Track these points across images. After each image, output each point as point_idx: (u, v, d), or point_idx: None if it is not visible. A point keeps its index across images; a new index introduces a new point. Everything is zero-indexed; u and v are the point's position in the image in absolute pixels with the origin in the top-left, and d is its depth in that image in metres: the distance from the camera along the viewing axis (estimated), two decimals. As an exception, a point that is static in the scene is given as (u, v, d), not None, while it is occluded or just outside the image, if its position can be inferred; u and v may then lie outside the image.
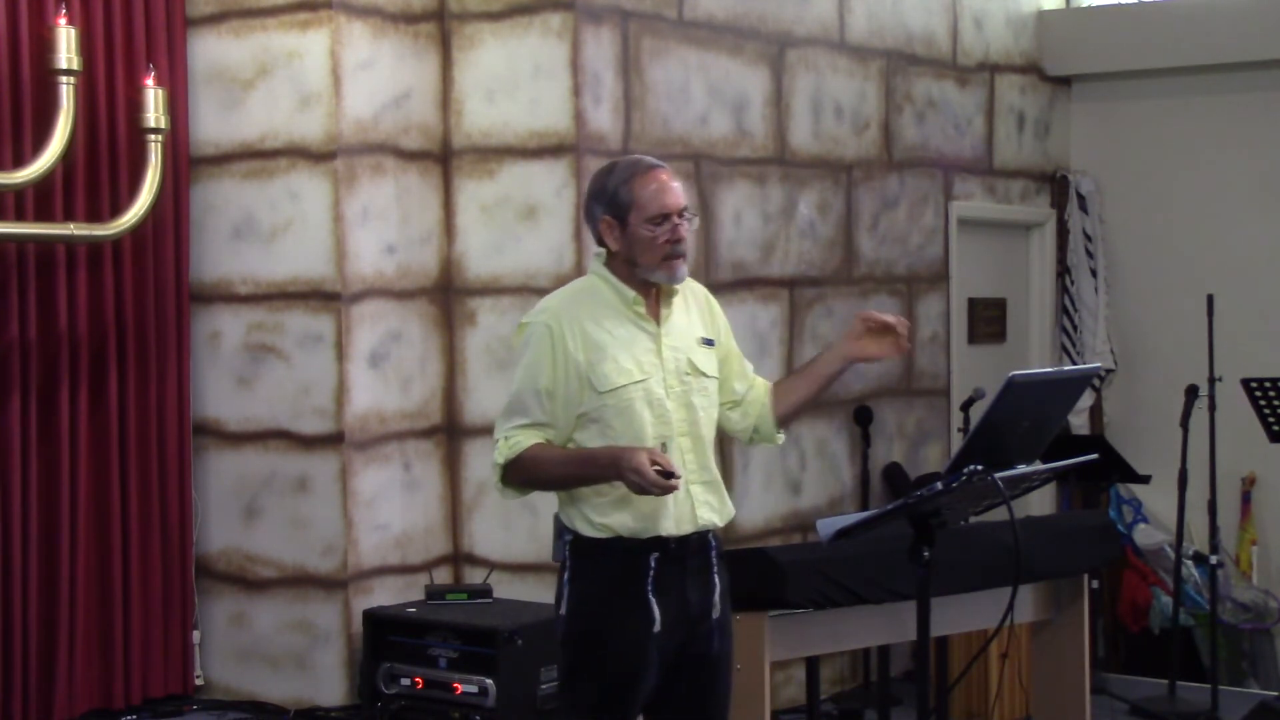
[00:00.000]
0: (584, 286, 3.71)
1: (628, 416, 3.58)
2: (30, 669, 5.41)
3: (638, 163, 3.69)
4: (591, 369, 3.58)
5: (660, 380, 3.63)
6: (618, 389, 3.57)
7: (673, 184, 3.64)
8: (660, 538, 3.60)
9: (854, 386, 6.77)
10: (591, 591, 3.63)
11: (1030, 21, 7.96)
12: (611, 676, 3.62)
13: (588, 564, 3.64)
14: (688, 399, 3.66)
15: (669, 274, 3.63)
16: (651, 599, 3.59)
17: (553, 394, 3.59)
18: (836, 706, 6.42)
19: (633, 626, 3.59)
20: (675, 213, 3.61)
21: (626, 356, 3.60)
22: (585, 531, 3.62)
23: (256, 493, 5.85)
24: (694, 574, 3.66)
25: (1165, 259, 7.96)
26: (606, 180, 3.66)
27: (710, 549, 3.70)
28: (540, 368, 3.59)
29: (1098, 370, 6.87)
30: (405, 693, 5.44)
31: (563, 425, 3.61)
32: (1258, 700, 6.47)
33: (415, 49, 5.84)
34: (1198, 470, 6.40)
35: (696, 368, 3.69)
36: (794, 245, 6.54)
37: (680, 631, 3.63)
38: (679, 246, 3.62)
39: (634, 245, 3.62)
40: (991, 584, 4.61)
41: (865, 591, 4.64)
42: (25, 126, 5.37)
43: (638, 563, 3.59)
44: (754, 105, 6.34)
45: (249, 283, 5.85)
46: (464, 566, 5.96)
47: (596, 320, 3.61)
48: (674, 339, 3.68)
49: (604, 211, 3.64)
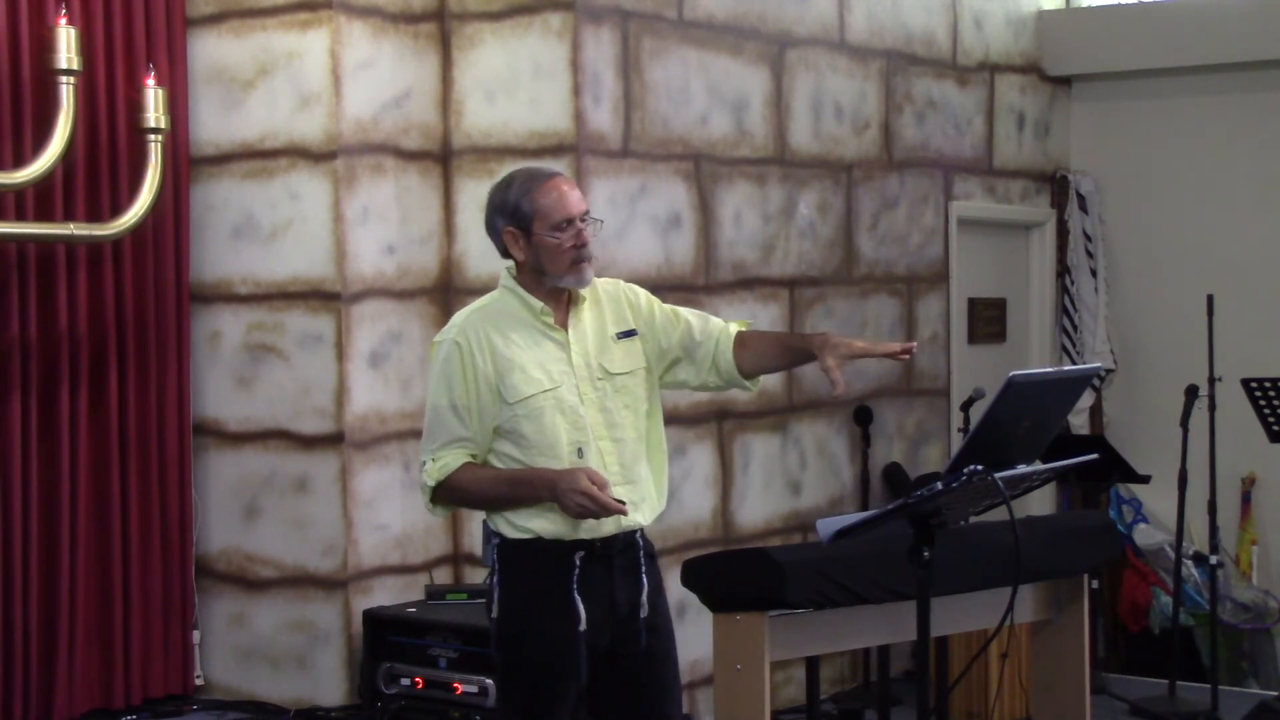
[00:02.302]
0: (492, 300, 3.76)
1: (540, 425, 3.63)
2: (30, 669, 5.41)
3: (536, 173, 3.76)
4: (501, 381, 3.63)
5: (573, 387, 3.67)
6: (527, 399, 3.63)
7: (572, 191, 3.70)
8: (582, 539, 3.65)
9: (854, 386, 6.76)
10: (518, 593, 3.70)
11: (1030, 21, 7.96)
12: (540, 676, 3.68)
13: (514, 566, 3.70)
14: (603, 403, 3.70)
15: (577, 278, 3.69)
16: (576, 598, 3.65)
17: (468, 408, 3.65)
18: (836, 706, 6.42)
19: (559, 626, 3.65)
20: (578, 217, 3.67)
21: (535, 366, 3.65)
22: (510, 534, 3.68)
23: (256, 493, 5.85)
24: (621, 573, 3.71)
25: (1165, 259, 7.96)
26: (506, 193, 3.71)
27: (638, 548, 3.75)
28: (452, 384, 3.65)
29: (1098, 370, 6.84)
30: (405, 693, 5.44)
31: (482, 440, 3.67)
32: (1258, 700, 6.47)
33: (415, 49, 5.84)
34: (1198, 470, 6.40)
35: (608, 371, 3.72)
36: (794, 245, 6.54)
37: (609, 630, 3.69)
38: (584, 250, 3.68)
39: (540, 254, 3.67)
40: (991, 584, 4.61)
41: (865, 591, 4.64)
42: (25, 126, 5.37)
43: (562, 563, 3.65)
44: (754, 105, 6.34)
45: (249, 283, 5.85)
46: (464, 566, 5.96)
47: (504, 333, 3.67)
48: (583, 344, 3.72)
49: (506, 224, 3.69)
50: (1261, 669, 7.58)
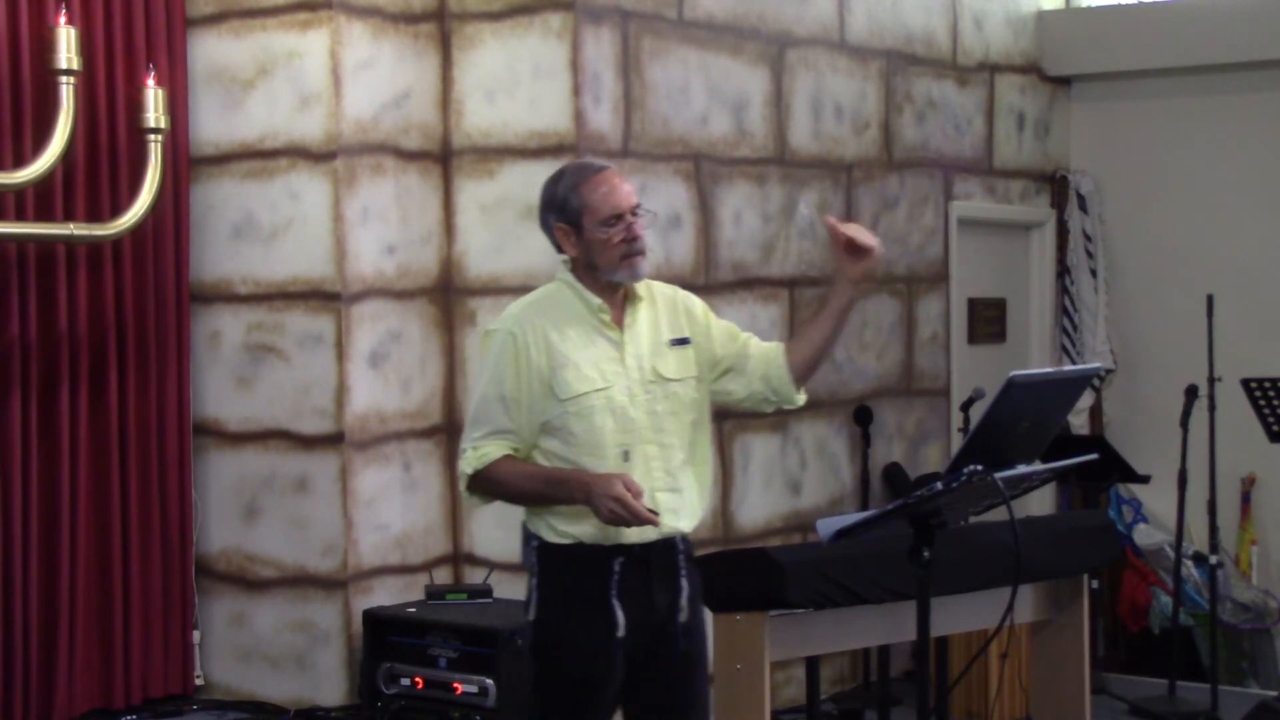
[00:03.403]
0: (549, 293, 3.72)
1: (588, 424, 3.59)
2: (30, 669, 5.41)
3: (585, 167, 3.73)
4: (553, 376, 3.59)
5: (624, 388, 3.63)
6: (578, 396, 3.59)
7: (622, 185, 3.66)
8: (623, 544, 3.61)
9: (854, 386, 6.77)
10: (556, 597, 3.66)
11: (1030, 21, 7.96)
12: (576, 681, 3.65)
13: (553, 570, 3.66)
14: (653, 406, 3.65)
15: (630, 272, 3.65)
16: (615, 603, 3.62)
17: (517, 401, 3.60)
18: (836, 706, 6.42)
19: (596, 631, 3.62)
20: (628, 211, 3.63)
21: (588, 364, 3.61)
22: (549, 538, 3.65)
23: (256, 493, 5.85)
24: (660, 577, 3.67)
25: (1165, 259, 7.96)
26: (555, 188, 3.68)
27: (677, 553, 3.72)
28: (503, 375, 3.61)
29: (1098, 370, 6.86)
30: (405, 693, 5.44)
31: (528, 434, 3.63)
32: (1258, 700, 6.47)
33: (415, 49, 5.84)
34: (1197, 470, 6.40)
35: (661, 375, 3.68)
36: (794, 245, 6.54)
37: (645, 635, 3.65)
38: (636, 244, 3.64)
39: (591, 249, 3.64)
40: (991, 584, 4.61)
41: (865, 591, 4.64)
42: (25, 126, 5.37)
43: (601, 568, 3.61)
44: (754, 105, 6.34)
45: (249, 283, 5.85)
46: (464, 566, 5.96)
47: (559, 327, 3.63)
48: (638, 346, 3.67)
49: (557, 219, 3.67)
50: (1261, 669, 7.58)
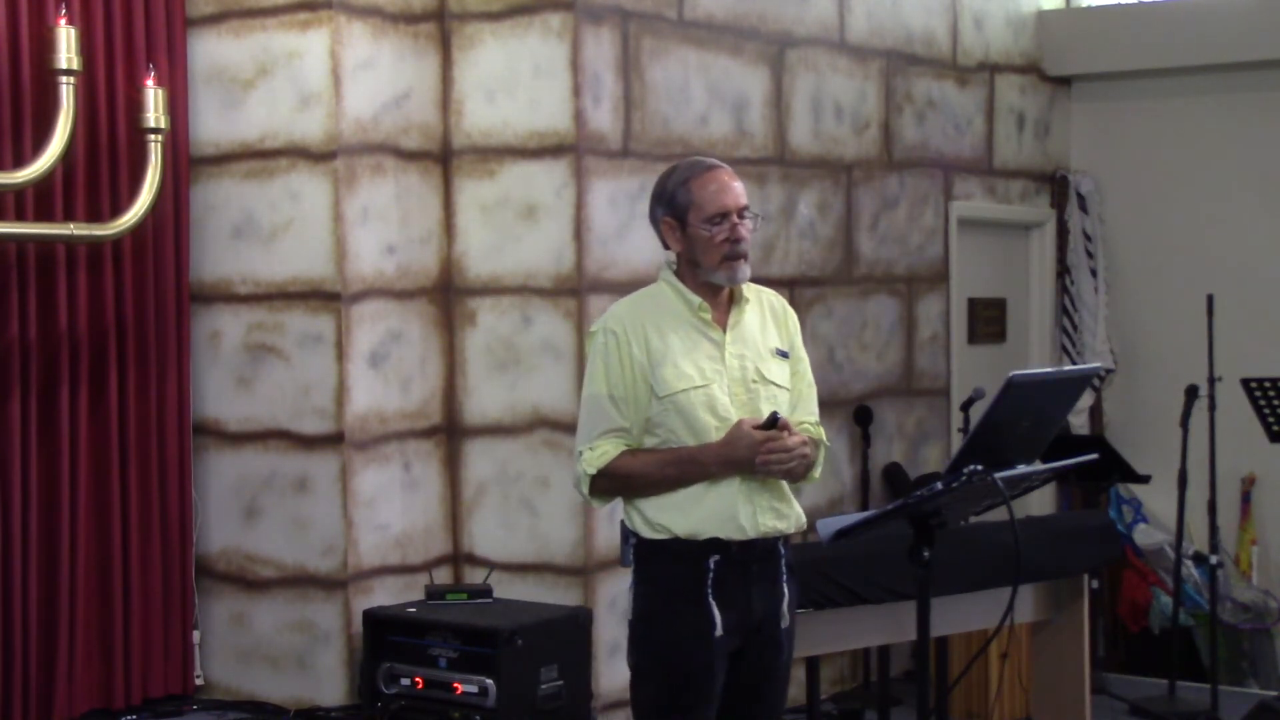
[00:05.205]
0: (651, 292, 3.73)
1: (690, 421, 3.59)
2: (30, 669, 5.40)
3: (697, 163, 3.71)
4: (652, 373, 3.59)
5: (724, 386, 3.63)
6: (676, 394, 3.59)
7: (733, 183, 3.65)
8: (719, 540, 3.60)
9: (854, 386, 6.77)
10: (654, 594, 3.65)
11: (1030, 21, 7.96)
12: (674, 679, 3.63)
13: (650, 568, 3.66)
14: (754, 406, 3.64)
15: (729, 274, 3.64)
16: (711, 602, 3.60)
17: (624, 399, 3.61)
18: (836, 706, 6.42)
19: (694, 629, 3.60)
20: (734, 212, 3.62)
21: (687, 362, 3.61)
22: (646, 534, 3.64)
23: (256, 493, 5.85)
24: (759, 581, 3.65)
25: (1165, 259, 7.96)
26: (667, 182, 3.69)
27: (779, 557, 3.69)
28: (609, 374, 3.62)
29: (1098, 370, 6.87)
30: (405, 693, 5.43)
31: (637, 431, 3.64)
32: (1258, 700, 6.47)
33: (415, 49, 5.84)
34: (1197, 470, 6.40)
35: (764, 376, 3.67)
36: (794, 245, 6.54)
37: (741, 637, 3.64)
38: (738, 246, 3.62)
39: (694, 246, 3.64)
40: (991, 584, 4.61)
41: (865, 591, 4.64)
42: (25, 126, 5.36)
43: (697, 565, 3.60)
44: (754, 105, 6.34)
45: (249, 283, 5.85)
46: (464, 566, 5.96)
47: (659, 325, 3.63)
48: (741, 346, 3.67)
49: (665, 213, 3.67)
50: (1261, 669, 7.58)
